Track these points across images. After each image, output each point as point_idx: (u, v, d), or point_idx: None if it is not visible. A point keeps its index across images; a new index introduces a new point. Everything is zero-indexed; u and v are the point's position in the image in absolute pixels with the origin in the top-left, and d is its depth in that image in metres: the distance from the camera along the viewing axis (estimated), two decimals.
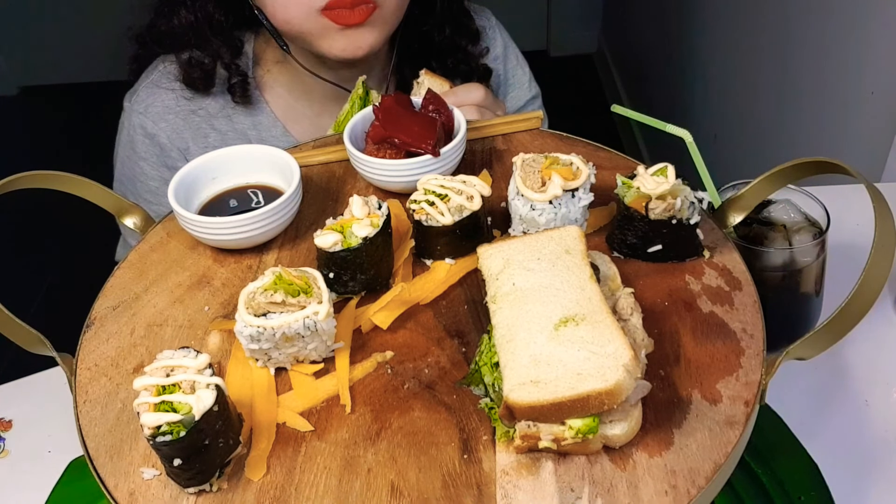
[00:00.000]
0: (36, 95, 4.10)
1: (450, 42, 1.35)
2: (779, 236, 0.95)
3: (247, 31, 1.31)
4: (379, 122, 0.96)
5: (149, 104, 1.30)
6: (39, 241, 3.18)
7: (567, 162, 0.86)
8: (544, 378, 0.66)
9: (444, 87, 1.20)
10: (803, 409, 1.02)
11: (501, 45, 1.45)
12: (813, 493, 0.91)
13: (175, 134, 1.30)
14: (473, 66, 1.37)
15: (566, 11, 3.99)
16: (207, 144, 1.31)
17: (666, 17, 2.91)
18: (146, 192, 1.32)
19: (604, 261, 0.81)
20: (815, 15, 1.73)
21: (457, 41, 1.35)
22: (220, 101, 1.31)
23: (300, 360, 0.77)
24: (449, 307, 0.83)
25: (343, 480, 0.68)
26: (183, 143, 1.31)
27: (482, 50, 1.40)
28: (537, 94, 1.50)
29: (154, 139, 1.30)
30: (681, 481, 0.65)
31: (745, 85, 2.19)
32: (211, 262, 0.90)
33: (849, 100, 1.61)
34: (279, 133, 1.33)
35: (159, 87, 1.30)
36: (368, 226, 0.81)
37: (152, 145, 1.31)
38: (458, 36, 1.35)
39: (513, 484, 0.66)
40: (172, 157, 1.31)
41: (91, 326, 0.83)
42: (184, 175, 0.93)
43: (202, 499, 0.67)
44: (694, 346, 0.76)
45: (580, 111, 2.57)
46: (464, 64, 1.35)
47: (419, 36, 1.32)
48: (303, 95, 1.34)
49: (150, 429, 0.62)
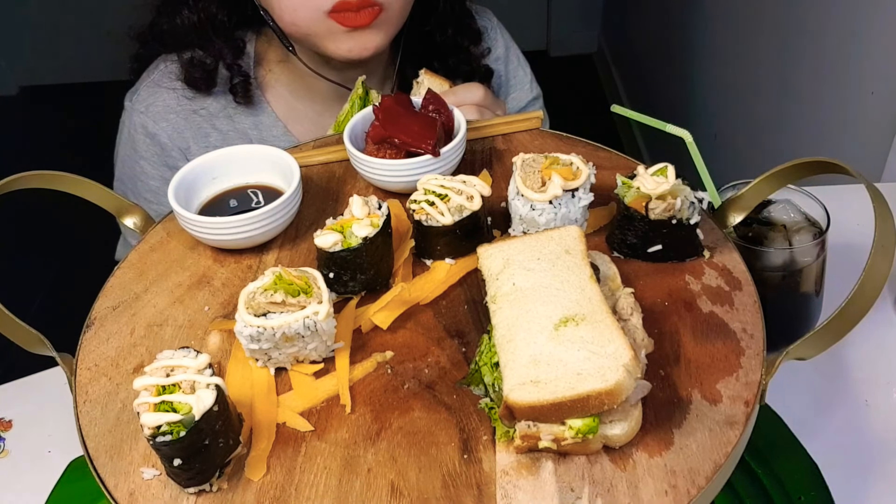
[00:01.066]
0: (36, 95, 4.10)
1: (452, 42, 1.35)
2: (779, 236, 0.95)
3: (249, 31, 1.31)
4: (379, 122, 0.96)
5: (150, 103, 1.30)
6: (39, 241, 3.18)
7: (567, 162, 0.86)
8: (544, 378, 0.66)
9: (443, 87, 1.20)
10: (803, 409, 1.02)
11: (503, 46, 1.45)
12: (813, 493, 0.90)
13: (176, 133, 1.30)
14: (475, 66, 1.37)
15: (566, 11, 3.99)
16: (208, 144, 1.31)
17: (666, 17, 2.91)
18: (146, 191, 1.32)
19: (604, 261, 0.81)
20: (815, 15, 1.73)
21: (459, 41, 1.36)
22: (221, 100, 1.31)
23: (300, 360, 0.77)
24: (449, 307, 0.83)
25: (343, 480, 0.68)
26: (184, 142, 1.31)
27: (484, 50, 1.41)
28: (538, 95, 1.50)
29: (155, 138, 1.30)
30: (681, 481, 0.65)
31: (745, 85, 2.19)
32: (211, 262, 0.90)
33: (849, 100, 1.61)
34: (280, 133, 1.33)
35: (160, 86, 1.30)
36: (368, 226, 0.81)
37: (153, 144, 1.31)
38: (460, 36, 1.36)
39: (513, 484, 0.66)
40: (173, 157, 1.31)
41: (91, 326, 0.83)
42: (184, 175, 0.93)
43: (202, 499, 0.67)
44: (694, 346, 0.76)
45: (580, 111, 2.57)
46: (465, 64, 1.35)
47: (421, 36, 1.33)
48: (305, 95, 1.34)
49: (150, 429, 0.62)
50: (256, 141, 1.32)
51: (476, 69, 1.37)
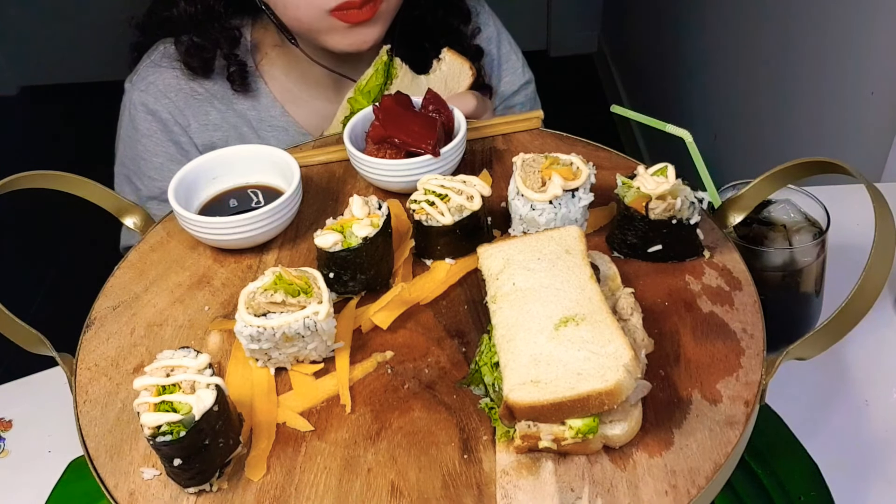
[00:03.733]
0: (36, 95, 4.10)
1: (442, 23, 1.36)
2: (779, 236, 0.95)
3: (245, 17, 1.32)
4: (379, 122, 0.96)
5: (150, 82, 1.31)
6: (39, 242, 3.18)
7: (567, 162, 0.86)
8: (544, 378, 0.66)
9: (464, 66, 1.23)
10: (803, 409, 1.02)
11: (494, 30, 1.47)
12: (813, 493, 0.90)
13: (176, 110, 1.31)
14: (465, 45, 1.38)
15: (566, 11, 3.99)
16: (208, 122, 1.33)
17: (666, 17, 2.91)
18: (151, 169, 1.33)
19: (604, 261, 0.81)
20: (815, 15, 1.73)
21: (449, 21, 1.37)
22: (219, 83, 1.32)
23: (300, 360, 0.77)
24: (449, 307, 0.83)
25: (343, 480, 0.68)
26: (184, 119, 1.32)
27: (474, 30, 1.42)
28: (531, 79, 1.51)
29: (156, 115, 1.31)
30: (681, 481, 0.65)
31: (745, 85, 2.19)
32: (211, 262, 0.90)
33: (849, 100, 1.61)
34: (278, 114, 1.35)
35: (160, 66, 1.32)
36: (368, 226, 0.81)
37: (154, 121, 1.32)
38: (451, 16, 1.37)
39: (513, 484, 0.66)
40: (175, 132, 1.32)
41: (91, 326, 0.83)
42: (184, 175, 0.93)
43: (202, 499, 0.67)
44: (694, 346, 0.76)
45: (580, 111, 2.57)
46: (457, 44, 1.36)
47: (413, 19, 1.33)
48: (300, 79, 1.35)
49: (150, 429, 0.62)
50: (255, 121, 1.34)
51: (467, 48, 1.38)
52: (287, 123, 1.35)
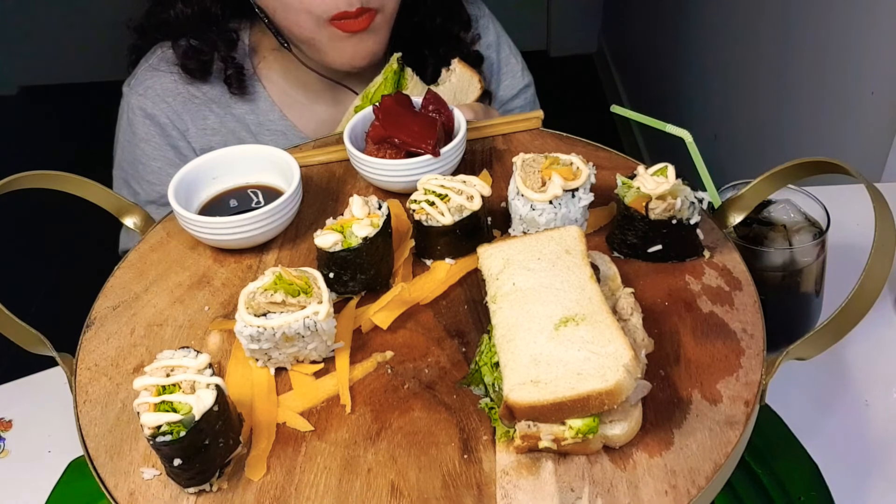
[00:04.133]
0: (36, 95, 4.10)
1: (441, 30, 1.36)
2: (779, 236, 0.95)
3: (243, 21, 1.33)
4: (379, 122, 0.96)
5: (148, 86, 1.31)
6: (39, 241, 3.18)
7: (567, 162, 0.86)
8: (544, 378, 0.66)
9: (473, 79, 1.23)
10: (803, 409, 1.02)
11: (494, 35, 1.47)
12: (813, 493, 0.90)
13: (175, 115, 1.31)
14: (465, 52, 1.38)
15: (566, 11, 3.99)
16: (206, 126, 1.32)
17: (666, 18, 2.91)
18: (149, 173, 1.33)
19: (604, 261, 0.81)
20: (815, 15, 1.73)
21: (448, 29, 1.37)
22: (217, 86, 1.32)
23: (300, 360, 0.77)
24: (449, 307, 0.83)
25: (343, 480, 0.68)
26: (182, 124, 1.32)
27: (474, 37, 1.42)
28: (530, 82, 1.52)
29: (154, 119, 1.31)
30: (681, 481, 0.65)
31: (745, 85, 2.19)
32: (211, 262, 0.90)
33: (849, 100, 1.61)
34: (276, 118, 1.34)
35: (158, 70, 1.32)
36: (368, 226, 0.81)
37: (152, 125, 1.32)
38: (450, 23, 1.37)
39: (513, 484, 0.66)
40: (173, 136, 1.32)
41: (91, 326, 0.83)
42: (184, 175, 0.93)
43: (202, 499, 0.67)
44: (694, 346, 0.76)
45: (580, 111, 2.57)
46: (456, 51, 1.36)
47: (412, 26, 1.34)
48: (297, 83, 1.35)
49: (150, 429, 0.62)
50: (253, 124, 1.34)
51: (466, 56, 1.38)
52: (285, 127, 1.34)
